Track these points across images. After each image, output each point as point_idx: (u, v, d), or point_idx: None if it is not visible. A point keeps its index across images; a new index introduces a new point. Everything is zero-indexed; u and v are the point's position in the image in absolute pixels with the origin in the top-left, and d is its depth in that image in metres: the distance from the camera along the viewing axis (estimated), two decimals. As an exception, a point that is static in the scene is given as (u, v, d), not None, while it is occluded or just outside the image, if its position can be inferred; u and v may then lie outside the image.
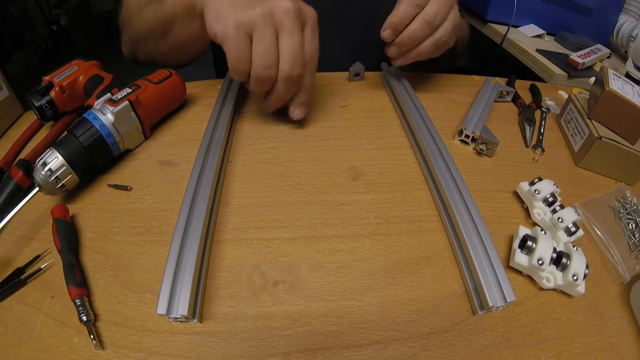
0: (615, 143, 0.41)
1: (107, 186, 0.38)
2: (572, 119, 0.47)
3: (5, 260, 0.32)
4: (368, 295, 0.30)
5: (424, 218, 0.36)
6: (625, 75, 0.55)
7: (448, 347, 0.27)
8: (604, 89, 0.41)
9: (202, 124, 0.42)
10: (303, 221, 0.35)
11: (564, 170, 0.44)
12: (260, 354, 0.26)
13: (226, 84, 0.49)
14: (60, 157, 0.34)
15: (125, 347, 0.26)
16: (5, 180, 0.37)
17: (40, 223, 0.35)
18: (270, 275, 0.31)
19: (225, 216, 0.36)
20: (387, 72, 0.55)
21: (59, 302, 0.29)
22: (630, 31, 0.79)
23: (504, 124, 0.50)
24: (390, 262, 0.32)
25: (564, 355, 0.27)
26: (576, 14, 0.86)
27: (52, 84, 0.44)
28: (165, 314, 0.25)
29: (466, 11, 0.96)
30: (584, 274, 0.29)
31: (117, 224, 0.35)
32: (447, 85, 0.57)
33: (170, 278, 0.26)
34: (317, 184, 0.39)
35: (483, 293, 0.27)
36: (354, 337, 0.27)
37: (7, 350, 0.26)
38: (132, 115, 0.41)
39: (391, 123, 0.48)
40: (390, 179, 0.40)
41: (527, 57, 0.78)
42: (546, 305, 0.30)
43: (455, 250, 0.33)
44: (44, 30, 2.31)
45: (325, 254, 0.32)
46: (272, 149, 0.43)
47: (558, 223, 0.34)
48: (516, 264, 0.31)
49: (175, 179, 0.39)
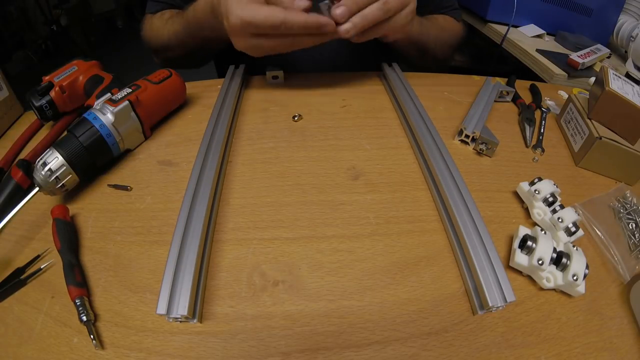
0: (615, 143, 0.41)
1: (107, 186, 0.38)
2: (572, 119, 0.47)
3: (5, 260, 0.32)
4: (368, 295, 0.30)
5: (424, 218, 0.36)
6: (625, 75, 0.55)
7: (448, 347, 0.27)
8: (604, 89, 0.41)
9: (202, 124, 0.42)
10: (303, 221, 0.35)
11: (564, 170, 0.44)
12: (260, 354, 0.26)
13: (226, 84, 0.49)
14: (60, 157, 0.34)
15: (125, 347, 0.26)
16: (5, 180, 0.37)
17: (40, 223, 0.35)
18: (270, 275, 0.31)
19: (225, 216, 0.36)
20: (387, 72, 0.55)
21: (59, 302, 0.29)
22: (630, 31, 0.79)
23: (504, 124, 0.50)
24: (390, 262, 0.32)
25: (564, 355, 0.27)
26: (576, 14, 0.86)
27: (52, 84, 0.44)
28: (165, 314, 0.25)
29: (466, 11, 0.96)
30: (584, 274, 0.29)
31: (117, 224, 0.35)
32: (447, 85, 0.57)
33: (170, 278, 0.26)
34: (317, 184, 0.39)
35: (483, 293, 0.28)
36: (354, 337, 0.27)
37: (7, 350, 0.26)
38: (132, 115, 0.41)
39: (391, 123, 0.48)
40: (390, 179, 0.40)
41: (527, 57, 0.78)
42: (546, 305, 0.30)
43: (455, 250, 0.33)
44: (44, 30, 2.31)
45: (325, 254, 0.32)
46: (272, 149, 0.43)
47: (558, 223, 0.34)
48: (516, 264, 0.31)
49: (175, 179, 0.39)
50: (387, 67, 0.56)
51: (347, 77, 0.57)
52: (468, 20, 0.96)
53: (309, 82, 0.55)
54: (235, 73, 0.52)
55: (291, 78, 0.56)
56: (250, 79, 0.56)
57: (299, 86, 0.54)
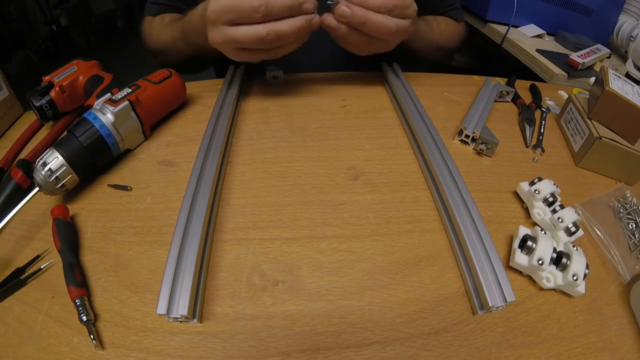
0: (615, 143, 0.41)
1: (107, 186, 0.38)
2: (572, 119, 0.47)
3: (5, 260, 0.32)
4: (368, 295, 0.30)
5: (424, 218, 0.36)
6: (625, 75, 0.55)
7: (448, 347, 0.27)
8: (604, 89, 0.41)
9: (202, 124, 0.42)
10: (303, 221, 0.35)
11: (564, 170, 0.44)
12: (260, 354, 0.26)
13: (226, 84, 0.49)
14: (60, 157, 0.34)
15: (125, 347, 0.26)
16: (5, 180, 0.37)
17: (40, 223, 0.35)
18: (270, 275, 0.31)
19: (225, 216, 0.36)
20: (387, 72, 0.55)
21: (59, 302, 0.29)
22: (630, 31, 0.79)
23: (504, 124, 0.50)
24: (390, 262, 0.32)
25: (564, 355, 0.27)
26: (576, 14, 0.86)
27: (52, 84, 0.44)
28: (165, 314, 0.25)
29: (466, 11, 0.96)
30: (584, 274, 0.29)
31: (117, 224, 0.35)
32: (447, 85, 0.57)
33: (170, 278, 0.26)
34: (317, 184, 0.39)
35: (483, 293, 0.28)
36: (354, 337, 0.27)
37: (7, 350, 0.26)
38: (132, 115, 0.41)
39: (391, 123, 0.48)
40: (390, 179, 0.40)
41: (527, 57, 0.78)
42: (546, 305, 0.30)
43: (455, 250, 0.33)
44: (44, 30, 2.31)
45: (325, 254, 0.32)
46: (272, 149, 0.43)
47: (558, 223, 0.34)
48: (516, 264, 0.31)
49: (175, 179, 0.39)
50: (387, 67, 0.56)
51: (347, 77, 0.57)
52: (468, 20, 0.96)
53: (309, 82, 0.55)
54: (235, 73, 0.52)
55: (291, 78, 0.56)
56: (250, 79, 0.56)
57: (299, 86, 0.54)
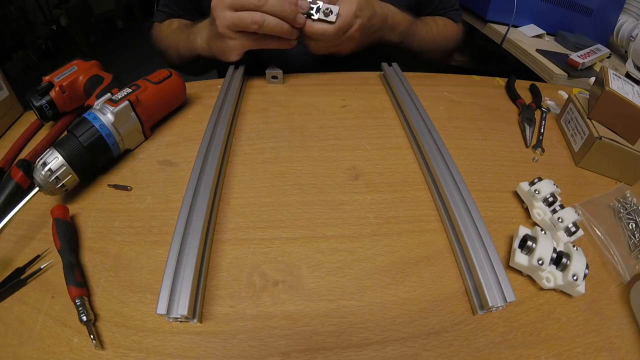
0: (615, 143, 0.41)
1: (107, 186, 0.38)
2: (572, 119, 0.47)
3: (5, 260, 0.32)
4: (368, 295, 0.30)
5: (424, 218, 0.36)
6: (625, 75, 0.55)
7: (448, 347, 0.27)
8: (604, 89, 0.41)
9: (202, 124, 0.42)
10: (303, 221, 0.35)
11: (564, 170, 0.44)
12: (260, 354, 0.26)
13: (226, 84, 0.49)
14: (60, 157, 0.34)
15: (125, 347, 0.26)
16: (5, 180, 0.37)
17: (40, 223, 0.35)
18: (270, 275, 0.31)
19: (225, 216, 0.36)
20: (387, 72, 0.55)
21: (59, 302, 0.29)
22: (630, 31, 0.79)
23: (504, 124, 0.50)
24: (390, 262, 0.32)
25: (564, 355, 0.27)
26: (576, 14, 0.86)
27: (52, 84, 0.44)
28: (165, 314, 0.25)
29: (466, 11, 0.96)
30: (584, 274, 0.29)
31: (117, 224, 0.35)
32: (447, 85, 0.57)
33: (170, 278, 0.26)
34: (317, 184, 0.39)
35: (483, 293, 0.27)
36: (354, 337, 0.27)
37: (7, 350, 0.26)
38: (132, 115, 0.41)
39: (391, 123, 0.48)
40: (390, 179, 0.40)
41: (527, 57, 0.78)
42: (546, 305, 0.30)
43: (455, 250, 0.33)
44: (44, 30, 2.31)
45: (325, 254, 0.32)
46: (272, 149, 0.43)
47: (558, 223, 0.34)
48: (516, 264, 0.31)
49: (175, 179, 0.39)
50: (387, 67, 0.56)
51: (347, 77, 0.57)
52: (468, 20, 0.96)
53: (309, 82, 0.55)
54: (235, 73, 0.52)
55: (291, 78, 0.56)
56: (250, 79, 0.56)
57: (299, 86, 0.54)
